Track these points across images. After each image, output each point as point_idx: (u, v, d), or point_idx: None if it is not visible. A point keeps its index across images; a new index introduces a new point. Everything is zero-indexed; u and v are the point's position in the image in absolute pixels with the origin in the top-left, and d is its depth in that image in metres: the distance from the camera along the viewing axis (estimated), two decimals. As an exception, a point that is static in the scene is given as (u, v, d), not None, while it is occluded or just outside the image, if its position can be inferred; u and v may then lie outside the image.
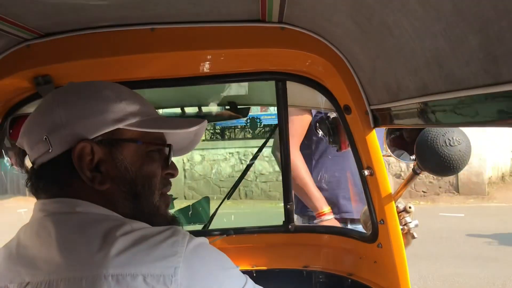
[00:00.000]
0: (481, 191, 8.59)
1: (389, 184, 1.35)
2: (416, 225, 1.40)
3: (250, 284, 0.79)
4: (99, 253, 0.69)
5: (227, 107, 1.79)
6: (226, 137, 11.34)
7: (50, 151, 0.78)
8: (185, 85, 1.50)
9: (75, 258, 0.71)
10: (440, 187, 8.87)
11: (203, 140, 10.99)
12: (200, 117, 1.80)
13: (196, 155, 10.63)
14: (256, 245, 1.78)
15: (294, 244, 1.77)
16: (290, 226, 1.74)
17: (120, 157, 0.80)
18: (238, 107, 1.80)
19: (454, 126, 1.01)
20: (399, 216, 1.39)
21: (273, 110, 9.25)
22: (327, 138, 1.55)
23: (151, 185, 0.83)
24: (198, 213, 2.05)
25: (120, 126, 0.80)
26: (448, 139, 1.01)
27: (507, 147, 10.07)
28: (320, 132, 1.59)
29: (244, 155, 10.23)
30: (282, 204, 1.75)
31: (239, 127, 11.02)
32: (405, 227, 1.39)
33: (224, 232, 1.70)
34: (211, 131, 11.24)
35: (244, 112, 1.81)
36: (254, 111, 10.12)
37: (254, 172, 10.21)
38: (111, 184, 0.80)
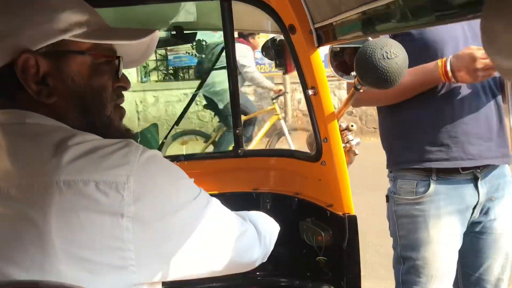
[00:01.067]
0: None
1: (332, 103, 1.40)
2: (358, 143, 1.46)
3: (203, 196, 0.81)
4: (51, 161, 0.68)
5: (173, 32, 1.76)
6: (180, 78, 11.15)
7: None
8: (129, 4, 1.47)
9: (26, 166, 0.70)
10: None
11: (156, 81, 10.79)
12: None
13: (149, 96, 10.44)
14: (207, 171, 1.82)
15: (244, 168, 1.82)
16: (239, 151, 1.79)
17: (67, 70, 0.78)
18: (185, 32, 1.77)
19: (390, 32, 1.05)
20: (341, 135, 1.44)
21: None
22: (273, 62, 1.56)
23: (101, 98, 0.82)
24: (147, 140, 2.05)
25: (66, 37, 0.77)
26: (386, 52, 1.04)
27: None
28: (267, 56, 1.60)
29: (199, 95, 10.13)
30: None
31: (193, 67, 10.83)
32: (347, 144, 1.45)
33: (175, 158, 1.73)
34: (164, 71, 11.01)
35: (191, 38, 1.79)
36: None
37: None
38: (59, 98, 0.78)
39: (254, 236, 0.95)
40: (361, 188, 1.46)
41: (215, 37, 6.02)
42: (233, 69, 1.67)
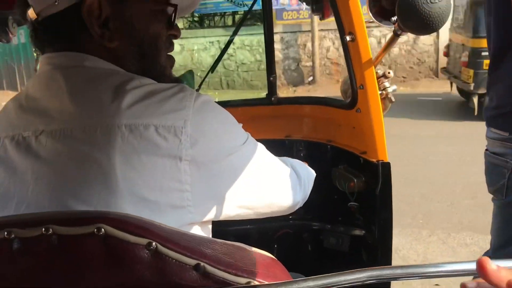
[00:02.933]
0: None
1: (369, 50, 1.38)
2: (394, 90, 1.45)
3: (251, 141, 0.84)
4: (111, 105, 0.71)
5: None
6: (206, 26, 11.02)
7: (56, 3, 0.76)
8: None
9: (88, 108, 0.72)
10: (420, 72, 8.96)
11: (181, 29, 10.68)
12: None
13: (175, 44, 10.40)
14: (240, 118, 1.84)
15: (277, 116, 1.84)
16: (273, 99, 1.80)
17: (128, 15, 0.79)
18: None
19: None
20: (378, 82, 1.43)
21: None
22: (310, 7, 1.54)
23: (157, 45, 0.84)
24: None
25: None
26: (429, -4, 1.02)
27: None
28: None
29: (224, 43, 10.03)
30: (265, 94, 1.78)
31: (219, 14, 10.67)
32: (384, 91, 1.44)
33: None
34: (189, 19, 10.89)
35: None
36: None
37: (236, 62, 10.11)
38: (120, 42, 0.79)
39: (296, 180, 0.98)
40: (388, 137, 1.47)
41: None
42: (268, 13, 1.65)
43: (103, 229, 0.61)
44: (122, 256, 0.61)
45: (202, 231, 0.80)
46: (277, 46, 9.31)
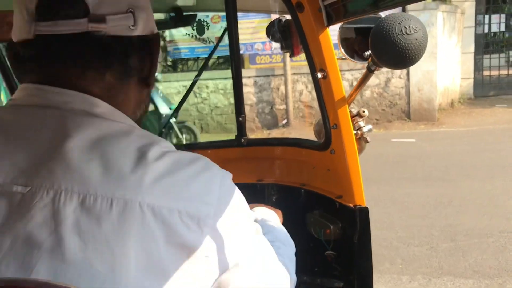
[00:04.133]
0: (431, 117, 8.84)
1: (342, 87, 1.30)
2: (370, 130, 1.37)
3: (260, 233, 0.82)
4: (132, 175, 0.61)
5: (172, 14, 1.66)
6: (179, 70, 11.03)
7: (132, 27, 0.70)
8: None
9: (102, 172, 0.61)
10: (392, 114, 9.06)
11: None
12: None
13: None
14: (209, 161, 1.73)
15: (247, 158, 1.73)
16: (243, 140, 1.70)
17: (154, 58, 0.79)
18: (184, 14, 1.67)
19: (406, 3, 0.96)
20: (352, 121, 1.35)
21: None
22: (279, 44, 1.47)
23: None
24: (146, 127, 1.96)
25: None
26: (404, 27, 0.95)
27: (457, 74, 10.32)
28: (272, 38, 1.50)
29: (198, 87, 10.02)
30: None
31: (192, 59, 10.72)
32: (359, 131, 1.36)
33: (177, 148, 1.64)
34: (163, 63, 10.90)
35: (190, 20, 1.69)
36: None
37: (209, 106, 10.08)
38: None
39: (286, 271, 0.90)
40: (363, 180, 1.38)
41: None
42: (236, 54, 1.58)
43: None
44: None
45: None
46: (251, 89, 9.35)
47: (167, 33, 9.88)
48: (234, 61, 1.54)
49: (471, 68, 10.66)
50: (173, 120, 6.86)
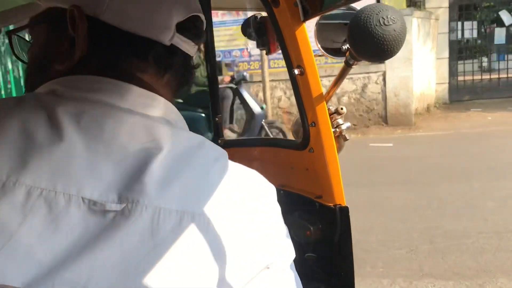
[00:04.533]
0: (408, 121, 8.94)
1: (320, 83, 1.27)
2: (348, 127, 1.34)
3: None
4: (214, 195, 0.62)
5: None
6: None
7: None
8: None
9: (195, 190, 0.61)
10: (369, 119, 9.13)
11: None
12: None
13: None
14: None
15: (224, 160, 1.69)
16: (219, 141, 1.65)
17: None
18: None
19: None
20: (330, 119, 1.32)
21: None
22: (255, 42, 1.43)
23: None
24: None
25: None
26: (382, 18, 0.92)
27: (432, 79, 10.47)
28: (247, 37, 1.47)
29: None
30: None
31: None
32: (337, 129, 1.33)
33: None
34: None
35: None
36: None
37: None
38: None
39: None
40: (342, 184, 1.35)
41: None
42: (211, 53, 1.54)
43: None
44: None
45: None
46: (229, 96, 9.31)
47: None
48: (210, 63, 1.50)
49: (446, 74, 10.84)
50: (263, 121, 6.73)
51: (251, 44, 9.10)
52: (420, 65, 9.41)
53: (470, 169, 5.87)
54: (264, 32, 1.38)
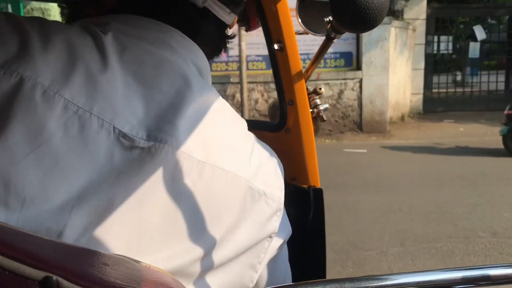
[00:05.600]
0: (382, 129, 9.03)
1: (299, 61, 1.25)
2: (326, 109, 1.32)
3: None
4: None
5: None
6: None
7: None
8: None
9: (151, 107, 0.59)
10: (344, 126, 9.19)
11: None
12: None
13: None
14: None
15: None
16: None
17: None
18: None
19: None
20: (309, 99, 1.30)
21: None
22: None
23: None
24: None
25: None
26: (366, -14, 0.90)
27: (407, 89, 10.63)
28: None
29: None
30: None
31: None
32: (315, 110, 1.31)
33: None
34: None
35: None
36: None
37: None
38: None
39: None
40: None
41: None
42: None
43: None
44: None
45: None
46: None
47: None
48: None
49: (421, 84, 11.02)
50: None
51: (231, 45, 9.06)
52: (396, 74, 9.54)
53: (441, 176, 5.96)
54: (244, 8, 1.35)
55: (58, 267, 0.41)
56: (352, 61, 9.06)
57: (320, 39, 1.20)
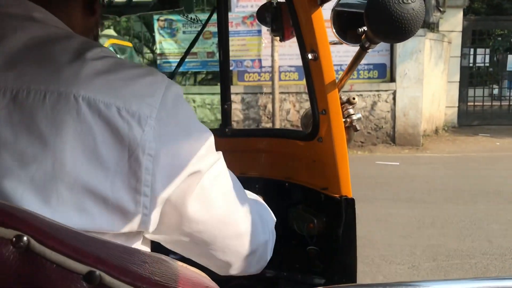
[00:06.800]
0: (416, 142, 8.88)
1: (333, 70, 1.26)
2: (359, 118, 1.32)
3: (221, 157, 0.73)
4: (68, 70, 0.58)
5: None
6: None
7: None
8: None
9: (37, 69, 0.58)
10: (377, 138, 9.09)
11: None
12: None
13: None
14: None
15: (231, 150, 1.65)
16: (227, 130, 1.63)
17: None
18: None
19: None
20: (342, 108, 1.30)
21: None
22: (269, 27, 1.42)
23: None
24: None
25: None
26: (401, -4, 0.91)
27: (442, 102, 10.44)
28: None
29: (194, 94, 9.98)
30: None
31: (180, 73, 10.67)
32: (348, 119, 1.31)
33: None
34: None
35: (177, 1, 1.63)
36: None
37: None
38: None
39: (259, 222, 0.84)
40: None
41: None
42: (225, 41, 1.53)
43: None
44: (-29, 254, 0.41)
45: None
46: (238, 106, 9.32)
47: (157, 45, 9.87)
48: (222, 45, 1.49)
49: (456, 97, 10.81)
50: None
51: (264, 56, 9.14)
52: (430, 87, 9.39)
53: (476, 191, 5.81)
54: (279, 18, 1.37)
55: (101, 262, 0.43)
56: (386, 72, 8.97)
57: (353, 50, 1.21)
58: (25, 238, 0.41)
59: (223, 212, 0.71)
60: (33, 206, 0.52)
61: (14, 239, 0.41)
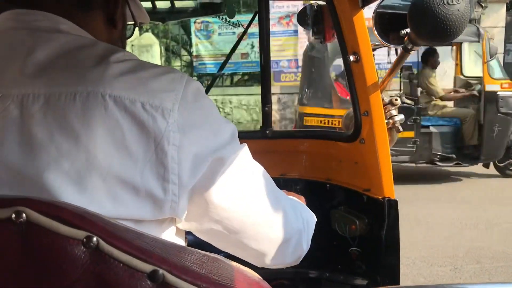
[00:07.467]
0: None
1: (375, 72, 1.26)
2: (402, 120, 1.31)
3: (245, 148, 0.73)
4: (94, 72, 0.62)
5: (201, 1, 1.65)
6: (204, 85, 11.10)
7: None
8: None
9: (65, 74, 0.63)
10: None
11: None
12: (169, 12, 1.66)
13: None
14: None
15: (271, 151, 1.68)
16: (268, 131, 1.65)
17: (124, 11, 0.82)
18: (214, 1, 1.65)
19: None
20: (384, 110, 1.30)
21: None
22: (310, 31, 1.43)
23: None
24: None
25: None
26: (446, -3, 0.90)
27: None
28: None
29: (222, 103, 10.07)
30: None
31: (217, 74, 10.77)
32: (390, 120, 1.30)
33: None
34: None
35: (220, 7, 1.66)
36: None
37: (232, 121, 10.09)
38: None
39: (293, 214, 0.84)
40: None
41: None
42: (265, 38, 1.54)
43: (24, 214, 0.44)
44: (47, 253, 0.44)
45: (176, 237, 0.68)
46: (274, 106, 9.32)
47: (193, 48, 10.00)
48: (264, 48, 1.50)
49: (499, 95, 10.47)
50: None
51: (300, 56, 9.11)
52: (472, 84, 9.13)
53: (521, 192, 5.63)
54: (320, 20, 1.38)
55: (164, 262, 0.45)
56: (425, 70, 8.78)
57: (386, 50, 1.20)
58: (94, 239, 0.44)
59: (250, 199, 0.73)
60: (71, 196, 0.56)
61: (84, 239, 0.44)
